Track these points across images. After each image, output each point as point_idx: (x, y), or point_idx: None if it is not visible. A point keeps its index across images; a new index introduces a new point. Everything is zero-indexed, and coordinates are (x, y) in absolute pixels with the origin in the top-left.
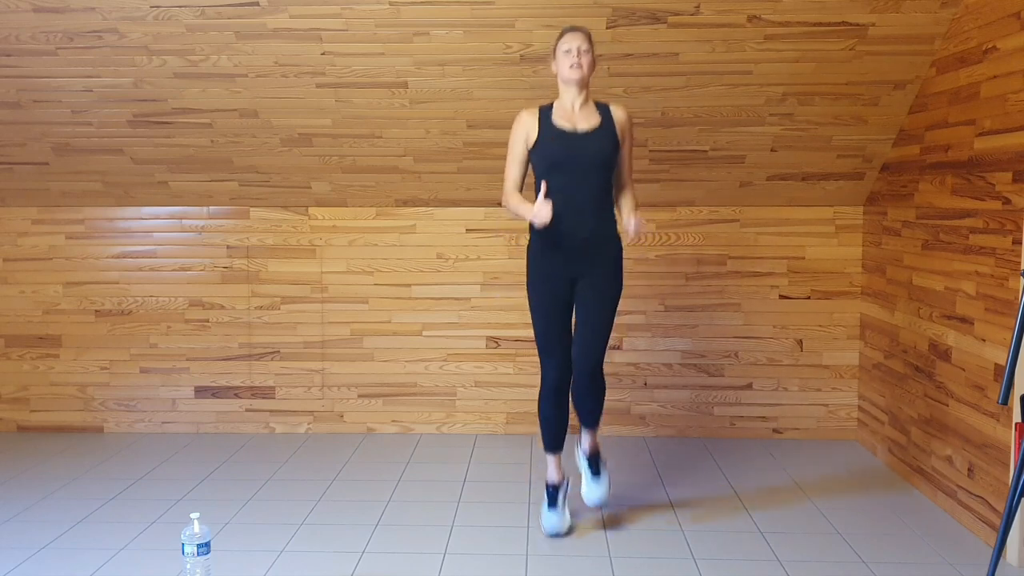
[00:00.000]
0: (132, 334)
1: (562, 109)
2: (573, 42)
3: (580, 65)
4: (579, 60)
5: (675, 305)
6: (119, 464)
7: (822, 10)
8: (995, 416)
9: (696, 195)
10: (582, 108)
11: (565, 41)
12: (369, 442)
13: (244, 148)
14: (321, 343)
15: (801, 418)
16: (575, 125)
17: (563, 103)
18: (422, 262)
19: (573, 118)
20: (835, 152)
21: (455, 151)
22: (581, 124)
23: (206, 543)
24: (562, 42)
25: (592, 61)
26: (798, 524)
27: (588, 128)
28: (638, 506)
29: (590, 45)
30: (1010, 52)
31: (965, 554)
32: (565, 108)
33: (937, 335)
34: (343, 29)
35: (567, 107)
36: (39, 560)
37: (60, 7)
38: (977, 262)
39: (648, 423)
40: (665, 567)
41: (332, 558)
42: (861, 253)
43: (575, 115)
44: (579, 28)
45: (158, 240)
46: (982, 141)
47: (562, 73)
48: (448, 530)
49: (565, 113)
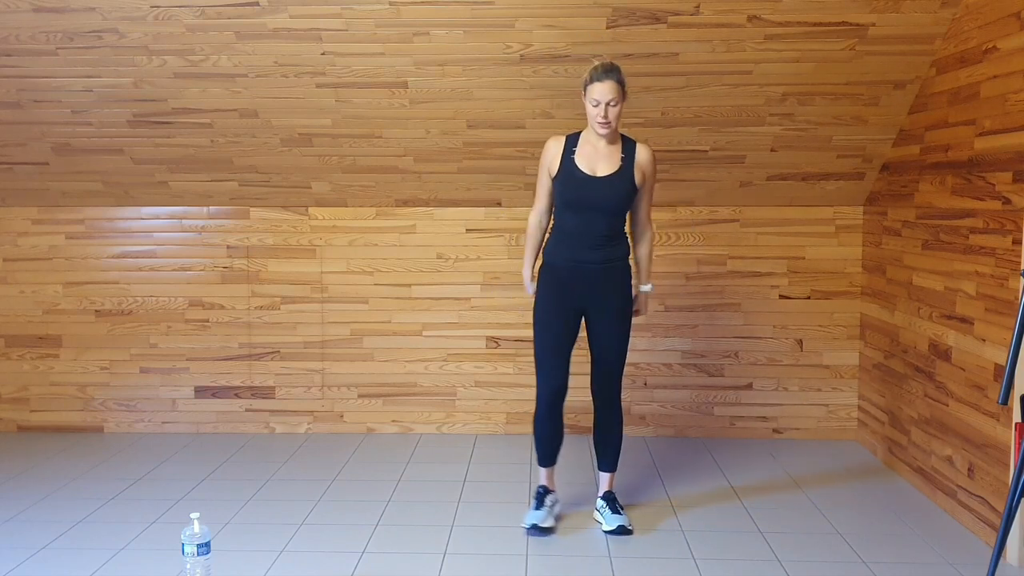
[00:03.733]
0: (132, 334)
1: (586, 147)
2: (603, 95)
3: (608, 122)
4: (607, 117)
5: (675, 305)
6: (119, 464)
7: (822, 10)
8: (995, 416)
9: (696, 195)
10: (607, 148)
11: (595, 92)
12: (369, 442)
13: (244, 148)
14: (321, 343)
15: (801, 418)
16: (594, 169)
17: (589, 139)
18: (422, 262)
19: (595, 159)
20: (835, 152)
21: (455, 151)
22: (600, 168)
23: (206, 543)
24: (591, 89)
25: (620, 112)
26: (798, 524)
27: (607, 172)
28: (638, 506)
29: (620, 95)
30: (1010, 52)
31: (965, 554)
32: (589, 148)
33: (937, 335)
34: (343, 29)
35: (591, 147)
36: (39, 560)
37: (60, 7)
38: (977, 262)
39: (648, 423)
40: (665, 567)
41: (332, 558)
42: (861, 253)
43: (597, 156)
44: (610, 72)
45: (158, 240)
46: (982, 141)
47: (591, 122)
48: (448, 530)
49: (588, 152)
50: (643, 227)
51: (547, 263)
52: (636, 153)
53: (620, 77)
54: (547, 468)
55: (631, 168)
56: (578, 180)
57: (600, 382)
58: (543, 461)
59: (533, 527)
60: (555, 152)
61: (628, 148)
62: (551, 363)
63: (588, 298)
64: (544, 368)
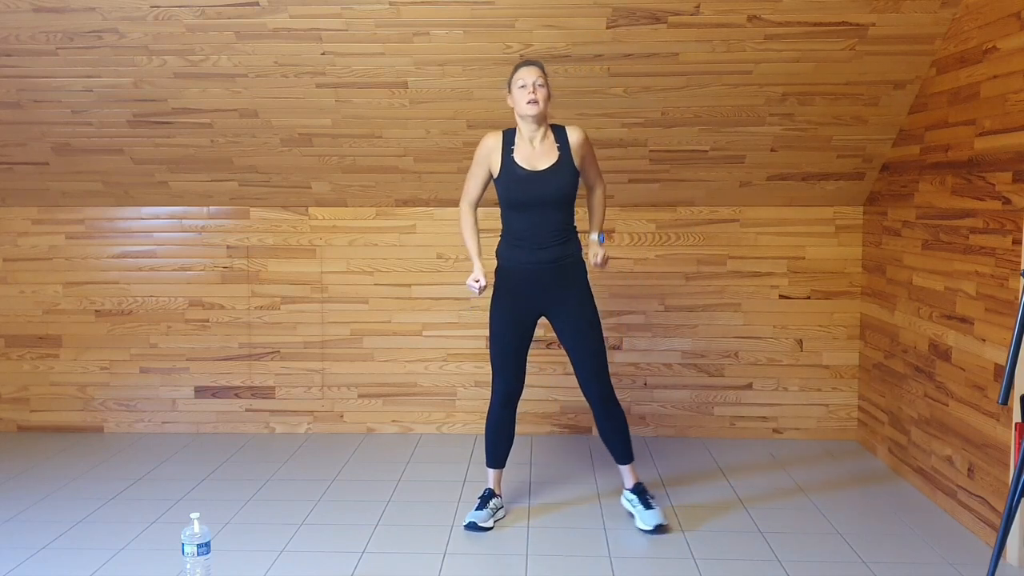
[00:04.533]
0: (132, 334)
1: (523, 144)
2: (528, 76)
3: (536, 100)
4: (535, 95)
5: (675, 305)
6: (119, 464)
7: (822, 10)
8: (995, 416)
9: (696, 195)
10: (542, 142)
11: (519, 76)
12: (369, 442)
13: (244, 148)
14: (321, 343)
15: (801, 418)
16: (534, 164)
17: (523, 138)
18: (422, 262)
19: (532, 156)
20: (835, 152)
21: (455, 151)
22: (540, 162)
23: (206, 543)
24: (516, 77)
25: (548, 94)
26: (798, 524)
27: (547, 165)
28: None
29: (545, 78)
30: (1010, 52)
31: (965, 554)
32: (525, 144)
33: (937, 335)
34: (343, 29)
35: (527, 143)
36: (39, 560)
37: (60, 7)
38: (977, 262)
39: (648, 423)
40: (665, 567)
41: (332, 558)
42: (861, 253)
43: (535, 152)
44: (533, 62)
45: (158, 240)
46: (982, 141)
47: (519, 108)
48: (448, 530)
49: (525, 150)
50: (594, 184)
51: (501, 266)
52: (568, 137)
53: (541, 64)
54: (496, 470)
55: (568, 155)
56: (520, 178)
57: (586, 378)
58: (492, 463)
59: (471, 524)
60: (493, 146)
61: (560, 135)
62: (507, 366)
63: (545, 299)
64: (500, 371)
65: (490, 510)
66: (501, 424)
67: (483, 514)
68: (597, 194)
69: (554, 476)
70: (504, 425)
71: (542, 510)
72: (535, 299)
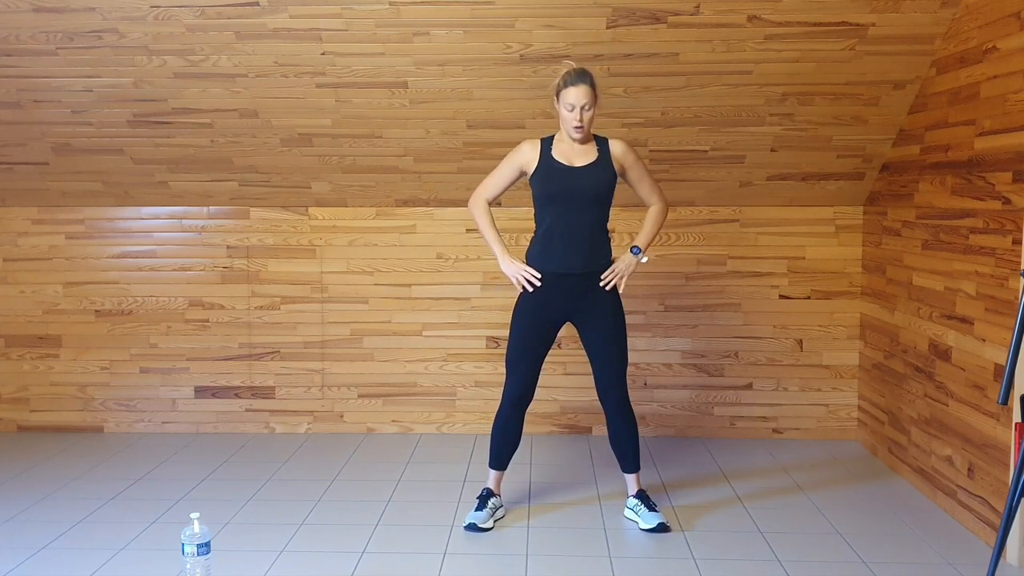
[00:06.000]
0: (132, 334)
1: (562, 145)
2: (577, 99)
3: (582, 126)
4: (581, 122)
5: (675, 305)
6: (119, 464)
7: (822, 10)
8: (995, 416)
9: (696, 195)
10: (582, 145)
11: (569, 97)
12: (369, 442)
13: (244, 148)
14: (321, 343)
15: (801, 418)
16: (572, 161)
17: (563, 140)
18: (422, 262)
19: (571, 154)
20: (835, 152)
21: (455, 151)
22: (578, 159)
23: (206, 543)
24: (565, 94)
25: (593, 115)
26: (798, 524)
27: (585, 163)
28: None
29: (593, 98)
30: (1010, 52)
31: (965, 554)
32: (565, 145)
33: (937, 335)
34: (343, 29)
35: (567, 144)
36: (39, 560)
37: (60, 7)
38: (977, 262)
39: (648, 423)
40: (665, 567)
41: (332, 558)
42: (861, 253)
43: (573, 151)
44: (583, 75)
45: (158, 240)
46: (982, 141)
47: (565, 127)
48: (448, 530)
49: (564, 149)
50: (649, 198)
51: (531, 262)
52: (610, 146)
53: (592, 81)
54: (497, 472)
55: (608, 158)
56: (558, 171)
57: (606, 386)
58: (495, 464)
59: (471, 525)
60: (531, 153)
61: (602, 144)
62: (524, 368)
63: (575, 307)
64: (515, 372)
65: (490, 510)
66: (509, 425)
67: (483, 515)
68: (652, 210)
69: (554, 476)
70: (512, 427)
71: (542, 510)
72: (565, 306)
